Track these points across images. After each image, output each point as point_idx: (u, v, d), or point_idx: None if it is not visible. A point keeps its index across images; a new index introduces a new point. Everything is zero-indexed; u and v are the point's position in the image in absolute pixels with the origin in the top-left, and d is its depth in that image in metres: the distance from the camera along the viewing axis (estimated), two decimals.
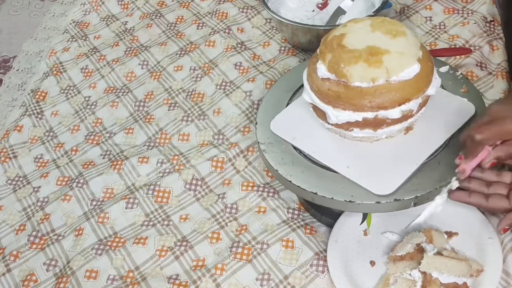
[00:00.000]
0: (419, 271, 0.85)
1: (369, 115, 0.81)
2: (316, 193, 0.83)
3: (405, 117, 0.82)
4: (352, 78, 0.79)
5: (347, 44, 0.81)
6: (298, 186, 0.85)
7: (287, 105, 0.97)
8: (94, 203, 1.08)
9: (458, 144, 0.81)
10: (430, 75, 0.82)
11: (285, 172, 0.87)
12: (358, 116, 0.81)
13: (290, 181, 0.86)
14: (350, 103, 0.81)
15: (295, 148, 0.90)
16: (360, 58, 0.79)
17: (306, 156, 0.88)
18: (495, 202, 0.80)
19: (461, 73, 0.94)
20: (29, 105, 1.30)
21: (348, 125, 0.84)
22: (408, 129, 0.87)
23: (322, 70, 0.82)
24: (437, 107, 0.88)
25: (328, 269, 0.90)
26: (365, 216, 0.93)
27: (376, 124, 0.82)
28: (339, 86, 0.81)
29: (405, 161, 0.83)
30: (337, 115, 0.82)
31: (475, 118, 0.86)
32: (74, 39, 1.43)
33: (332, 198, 0.82)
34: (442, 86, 0.91)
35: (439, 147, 0.85)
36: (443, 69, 0.95)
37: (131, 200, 1.06)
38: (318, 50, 0.85)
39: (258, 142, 0.92)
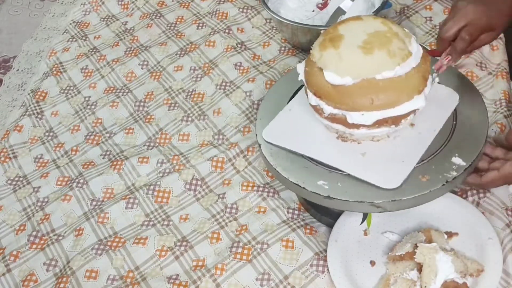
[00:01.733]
0: (418, 271, 0.85)
1: (315, 100, 0.85)
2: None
3: (318, 110, 0.85)
4: (313, 46, 0.85)
5: (345, 24, 0.84)
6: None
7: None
8: (94, 203, 1.08)
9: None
10: (359, 103, 0.81)
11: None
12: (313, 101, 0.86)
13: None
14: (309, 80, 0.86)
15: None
16: (327, 34, 0.84)
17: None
18: (487, 176, 0.86)
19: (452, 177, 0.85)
20: (29, 105, 1.30)
21: (306, 93, 0.87)
22: (341, 137, 0.88)
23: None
24: (394, 152, 0.86)
25: (328, 269, 0.90)
26: (365, 216, 0.93)
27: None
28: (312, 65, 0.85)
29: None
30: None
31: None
32: (74, 39, 1.43)
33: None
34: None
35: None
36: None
37: (131, 200, 1.06)
38: None
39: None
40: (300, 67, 0.88)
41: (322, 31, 0.86)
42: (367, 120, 0.81)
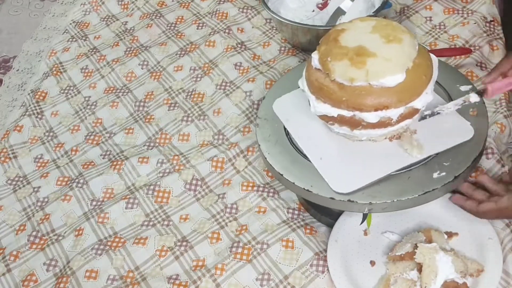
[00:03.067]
0: (418, 271, 0.85)
1: (345, 113, 0.81)
2: (282, 175, 0.86)
3: (383, 124, 0.81)
4: (334, 73, 0.80)
5: (341, 39, 0.82)
6: (279, 173, 0.86)
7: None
8: (94, 203, 1.08)
9: (437, 163, 0.83)
10: (419, 88, 0.81)
11: (282, 169, 0.87)
12: (334, 112, 0.82)
13: (284, 176, 0.87)
14: (329, 97, 0.81)
15: (294, 147, 0.90)
16: (346, 55, 0.79)
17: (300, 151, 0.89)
18: (484, 206, 0.87)
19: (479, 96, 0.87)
20: (29, 105, 1.30)
21: (326, 119, 0.84)
22: (392, 137, 0.86)
23: (315, 60, 0.84)
24: (437, 120, 0.87)
25: (328, 269, 0.90)
26: (365, 216, 0.93)
27: (352, 123, 0.82)
28: (324, 79, 0.82)
29: (376, 167, 0.83)
30: (316, 106, 0.84)
31: (471, 143, 0.85)
32: (74, 39, 1.43)
33: (294, 183, 0.84)
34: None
35: (415, 162, 0.84)
36: (464, 87, 0.92)
37: (131, 200, 1.06)
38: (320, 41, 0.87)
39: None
40: (322, 107, 0.84)
41: (328, 59, 0.82)
42: (430, 95, 0.82)
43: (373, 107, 0.79)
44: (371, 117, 0.80)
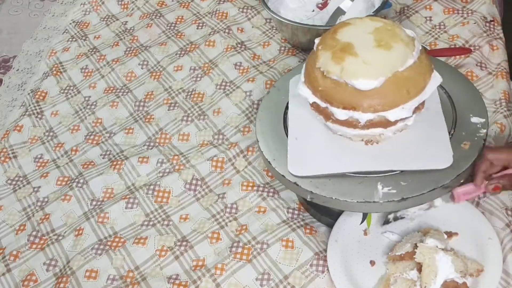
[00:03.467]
0: (418, 271, 0.85)
1: (319, 102, 0.83)
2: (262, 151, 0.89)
3: (351, 123, 0.82)
4: (318, 61, 0.82)
5: (340, 32, 0.83)
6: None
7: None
8: (94, 203, 1.08)
9: (396, 179, 0.82)
10: (395, 100, 0.79)
11: (320, 190, 0.85)
12: (311, 98, 0.84)
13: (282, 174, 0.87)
14: (311, 83, 0.84)
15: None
16: (333, 48, 0.81)
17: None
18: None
19: (485, 133, 0.86)
20: (29, 105, 1.30)
21: (311, 105, 0.86)
22: (368, 141, 0.86)
23: (315, 45, 0.86)
24: (423, 136, 0.86)
25: (328, 269, 0.90)
26: (365, 216, 0.93)
27: (325, 115, 0.84)
28: (313, 66, 0.83)
29: (338, 162, 0.84)
30: (301, 88, 0.86)
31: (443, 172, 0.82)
32: (74, 39, 1.43)
33: (262, 153, 0.89)
34: (454, 109, 0.90)
35: (374, 171, 0.83)
36: (475, 119, 0.88)
37: (131, 200, 1.06)
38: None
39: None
40: (304, 91, 0.86)
41: (319, 47, 0.83)
42: (408, 111, 0.81)
43: (342, 104, 0.80)
44: (339, 113, 0.82)
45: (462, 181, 0.83)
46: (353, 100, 0.79)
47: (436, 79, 0.83)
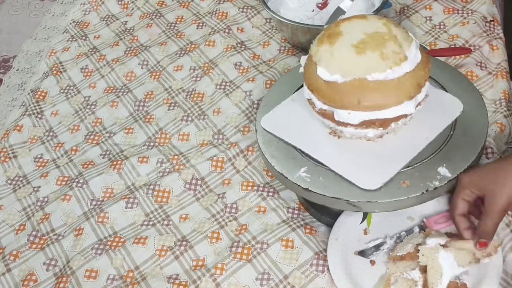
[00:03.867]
0: (420, 271, 0.85)
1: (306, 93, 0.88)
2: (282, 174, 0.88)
3: (324, 114, 0.85)
4: (314, 40, 0.87)
5: (346, 22, 0.85)
6: (281, 174, 0.87)
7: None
8: (94, 203, 1.08)
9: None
10: (343, 103, 0.81)
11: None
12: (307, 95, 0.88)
13: (275, 168, 0.88)
14: (307, 75, 0.87)
15: (294, 147, 0.90)
16: (326, 30, 0.85)
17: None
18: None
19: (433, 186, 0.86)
20: (29, 105, 1.30)
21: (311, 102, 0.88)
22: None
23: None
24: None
25: (328, 269, 0.90)
26: (365, 215, 0.93)
27: (310, 103, 0.87)
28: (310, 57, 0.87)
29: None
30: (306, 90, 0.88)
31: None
32: (74, 39, 1.43)
33: (270, 163, 0.89)
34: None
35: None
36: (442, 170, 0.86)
37: (131, 200, 1.06)
38: None
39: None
40: (304, 60, 0.90)
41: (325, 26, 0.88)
42: (353, 119, 0.82)
43: (307, 83, 0.86)
44: (305, 91, 0.87)
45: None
46: (314, 83, 0.84)
47: (406, 108, 0.82)
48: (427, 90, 0.85)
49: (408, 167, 0.84)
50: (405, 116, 0.83)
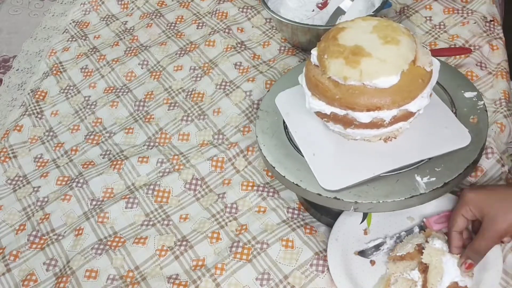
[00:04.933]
0: (419, 271, 0.85)
1: (338, 111, 0.81)
2: (274, 168, 0.87)
3: (375, 124, 0.81)
4: (329, 71, 0.80)
5: (340, 38, 0.82)
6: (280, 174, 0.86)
7: None
8: (94, 203, 1.08)
9: (429, 167, 0.82)
10: (414, 91, 0.80)
11: (274, 161, 0.88)
12: (328, 109, 0.82)
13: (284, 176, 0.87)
14: (324, 95, 0.82)
15: (291, 142, 0.91)
16: (342, 54, 0.79)
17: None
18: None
19: (483, 104, 0.89)
20: (29, 105, 1.30)
21: (321, 115, 0.85)
22: (387, 138, 0.86)
23: (314, 56, 0.84)
24: (434, 124, 0.87)
25: (328, 269, 0.90)
26: (365, 215, 0.93)
27: (345, 122, 0.83)
28: (320, 76, 0.82)
29: (366, 167, 0.83)
30: (312, 102, 0.84)
31: (467, 149, 0.84)
32: (74, 39, 1.43)
33: (284, 177, 0.86)
34: (454, 107, 0.90)
35: (406, 165, 0.83)
36: (469, 94, 0.91)
37: (131, 200, 1.06)
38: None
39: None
40: (317, 104, 0.84)
41: (325, 56, 0.82)
42: (426, 99, 0.82)
43: (366, 107, 0.79)
44: (363, 117, 0.80)
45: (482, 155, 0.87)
46: (376, 100, 0.79)
47: (436, 64, 0.83)
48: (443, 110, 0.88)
49: (404, 168, 0.83)
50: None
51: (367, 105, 0.79)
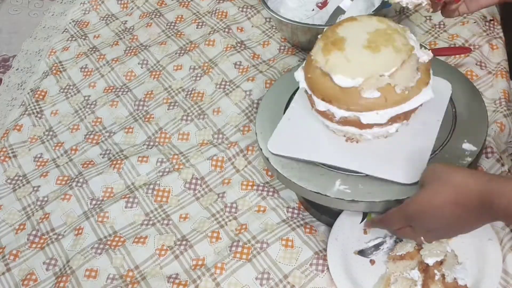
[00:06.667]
0: (419, 271, 0.85)
1: (307, 89, 0.86)
2: (274, 167, 0.89)
3: (327, 116, 0.84)
4: (314, 49, 0.85)
5: (341, 27, 0.84)
6: (318, 193, 0.85)
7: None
8: (94, 202, 1.08)
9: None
10: (371, 104, 0.80)
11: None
12: (302, 83, 0.87)
13: (308, 189, 0.86)
14: (305, 69, 0.86)
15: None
16: (327, 39, 0.83)
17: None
18: (388, 212, 0.80)
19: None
20: (29, 105, 1.30)
21: (311, 100, 0.87)
22: (348, 138, 0.87)
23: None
24: (401, 150, 0.86)
25: (327, 269, 0.90)
26: (365, 215, 0.93)
27: (311, 102, 0.86)
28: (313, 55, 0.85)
29: (313, 149, 0.87)
30: (298, 71, 0.88)
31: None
32: (73, 38, 1.43)
33: (284, 176, 0.87)
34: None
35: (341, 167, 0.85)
36: (466, 145, 0.86)
37: (131, 200, 1.06)
38: None
39: (265, 156, 0.92)
40: (299, 75, 0.88)
41: (319, 36, 0.86)
42: (381, 118, 0.81)
43: (321, 95, 0.83)
44: (318, 103, 0.84)
45: None
46: (330, 93, 0.81)
47: (426, 94, 0.82)
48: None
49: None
50: (421, 104, 0.83)
51: (322, 93, 0.82)
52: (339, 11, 1.21)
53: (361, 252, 0.90)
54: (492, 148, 0.99)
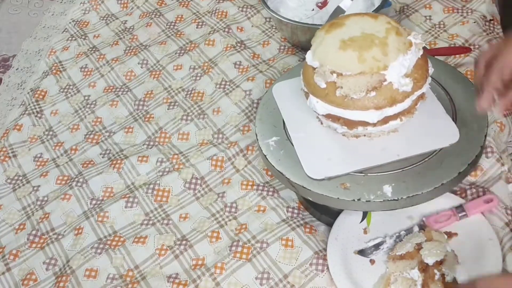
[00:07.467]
0: (419, 270, 0.85)
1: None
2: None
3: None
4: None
5: (347, 17, 0.87)
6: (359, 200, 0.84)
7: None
8: (94, 202, 1.08)
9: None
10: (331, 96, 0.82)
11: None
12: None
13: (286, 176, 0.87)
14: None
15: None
16: (330, 23, 0.87)
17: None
18: None
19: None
20: (29, 104, 1.30)
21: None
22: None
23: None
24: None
25: (327, 268, 0.90)
26: (365, 215, 0.93)
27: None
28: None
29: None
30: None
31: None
32: (73, 38, 1.43)
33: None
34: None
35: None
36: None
37: (131, 199, 1.06)
38: None
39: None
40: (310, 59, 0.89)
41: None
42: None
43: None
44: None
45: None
46: (309, 77, 0.86)
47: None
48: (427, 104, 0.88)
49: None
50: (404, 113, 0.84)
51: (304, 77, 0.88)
52: (339, 11, 1.21)
53: (361, 252, 0.90)
54: (492, 148, 0.99)
